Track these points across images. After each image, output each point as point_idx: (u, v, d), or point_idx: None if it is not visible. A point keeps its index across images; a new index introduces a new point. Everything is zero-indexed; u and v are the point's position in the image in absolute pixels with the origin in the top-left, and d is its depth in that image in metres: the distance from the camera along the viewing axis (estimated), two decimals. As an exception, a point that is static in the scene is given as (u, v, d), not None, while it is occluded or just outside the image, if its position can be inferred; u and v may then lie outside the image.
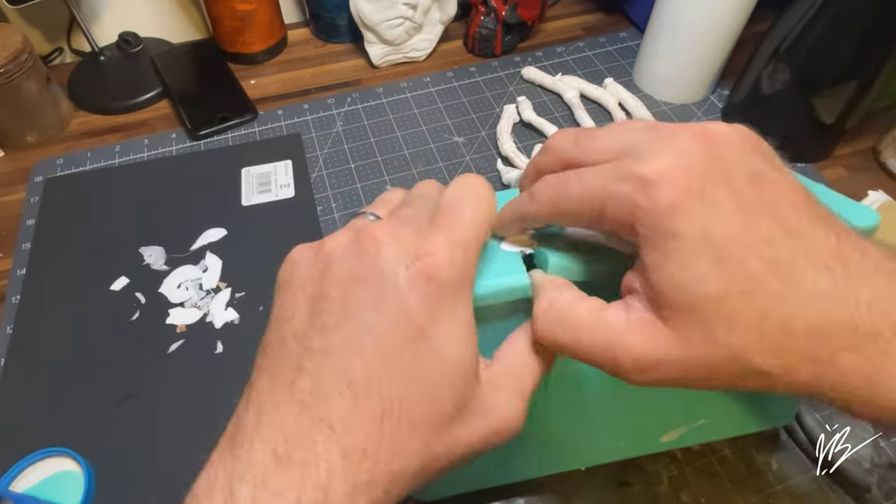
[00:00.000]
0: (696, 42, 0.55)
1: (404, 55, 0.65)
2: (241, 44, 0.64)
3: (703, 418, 0.35)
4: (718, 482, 0.37)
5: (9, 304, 0.46)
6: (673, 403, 0.33)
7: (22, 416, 0.40)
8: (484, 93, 0.62)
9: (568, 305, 0.22)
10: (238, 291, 0.47)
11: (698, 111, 0.60)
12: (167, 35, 0.69)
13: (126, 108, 0.62)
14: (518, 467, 0.35)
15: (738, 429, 0.37)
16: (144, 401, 0.41)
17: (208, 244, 0.50)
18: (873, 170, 0.55)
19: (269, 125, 0.59)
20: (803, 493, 0.36)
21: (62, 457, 0.38)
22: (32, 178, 0.55)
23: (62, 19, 0.65)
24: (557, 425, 0.33)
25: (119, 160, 0.57)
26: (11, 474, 0.37)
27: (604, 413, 0.33)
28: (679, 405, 0.34)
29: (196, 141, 0.58)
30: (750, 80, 0.54)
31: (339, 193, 0.53)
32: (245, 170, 0.55)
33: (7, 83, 0.53)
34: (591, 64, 0.65)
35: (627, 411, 0.33)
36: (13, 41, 0.54)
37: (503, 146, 0.55)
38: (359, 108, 0.61)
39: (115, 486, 0.37)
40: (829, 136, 0.54)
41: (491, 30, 0.64)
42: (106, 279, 0.47)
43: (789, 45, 0.49)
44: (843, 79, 0.48)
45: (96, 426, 0.40)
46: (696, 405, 0.34)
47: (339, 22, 0.66)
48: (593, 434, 0.34)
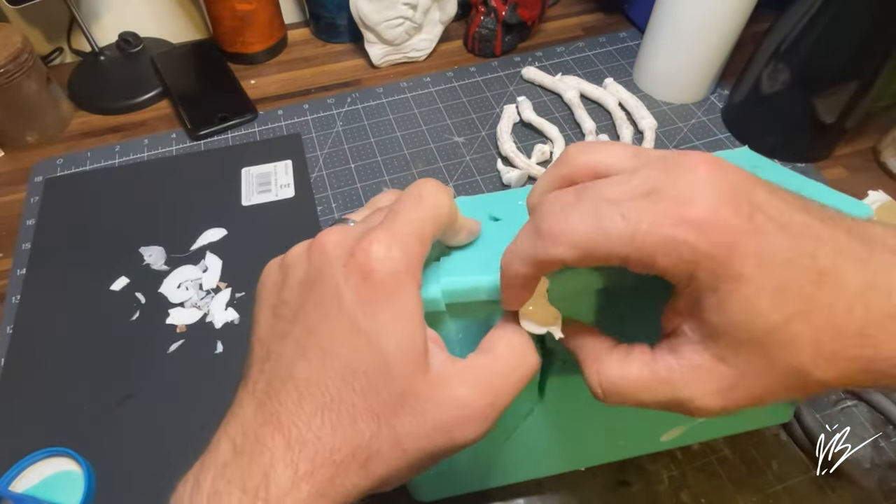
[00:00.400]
0: (696, 42, 0.55)
1: (404, 55, 0.65)
2: (241, 44, 0.64)
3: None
4: (718, 482, 0.37)
5: (9, 304, 0.46)
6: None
7: (22, 416, 0.40)
8: (484, 93, 0.62)
9: (620, 376, 0.22)
10: (238, 291, 0.47)
11: (698, 111, 0.60)
12: (167, 35, 0.69)
13: (126, 108, 0.62)
14: (518, 468, 0.35)
15: (738, 427, 0.37)
16: (144, 401, 0.41)
17: (208, 244, 0.50)
18: (873, 170, 0.55)
19: (269, 125, 0.59)
20: (803, 493, 0.36)
21: (62, 457, 0.38)
22: (32, 178, 0.55)
23: (62, 19, 0.65)
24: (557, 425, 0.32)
25: (119, 160, 0.57)
26: (11, 474, 0.37)
27: (604, 413, 0.33)
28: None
29: (196, 141, 0.58)
30: (750, 80, 0.54)
31: (339, 193, 0.53)
32: (245, 170, 0.55)
33: (7, 83, 0.54)
34: (591, 64, 0.65)
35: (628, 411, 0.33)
36: (13, 41, 0.54)
37: (503, 146, 0.55)
38: (359, 108, 0.61)
39: (115, 486, 0.37)
40: (829, 136, 0.54)
41: (491, 30, 0.64)
42: (106, 279, 0.47)
43: (789, 45, 0.49)
44: (843, 79, 0.48)
45: (96, 426, 0.40)
46: None
47: (339, 22, 0.66)
48: (593, 434, 0.34)
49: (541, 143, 0.56)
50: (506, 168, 0.53)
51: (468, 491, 0.35)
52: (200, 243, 0.50)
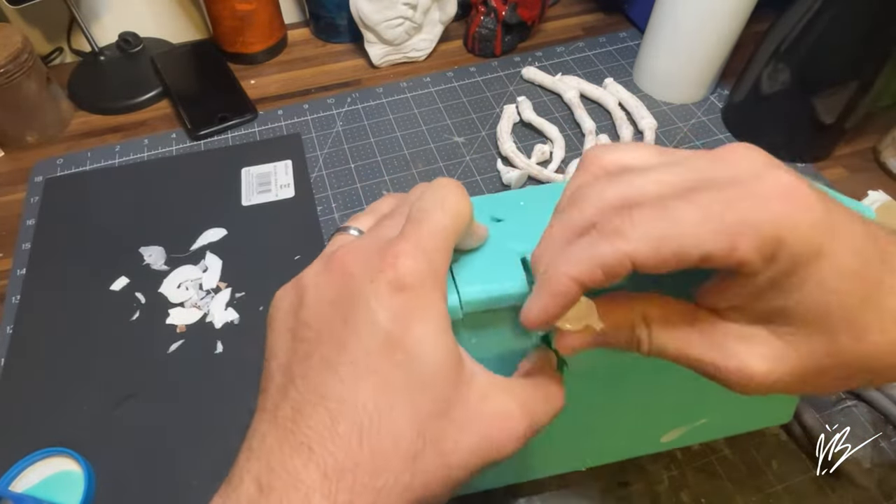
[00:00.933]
0: (696, 42, 0.55)
1: (404, 55, 0.65)
2: (241, 44, 0.64)
3: (703, 417, 0.35)
4: (718, 482, 0.37)
5: (9, 304, 0.46)
6: (674, 403, 0.33)
7: (22, 416, 0.40)
8: (484, 93, 0.62)
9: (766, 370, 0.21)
10: (238, 291, 0.47)
11: (698, 111, 0.60)
12: (167, 35, 0.69)
13: (126, 108, 0.62)
14: (518, 468, 0.35)
15: (739, 427, 0.37)
16: (144, 401, 0.41)
17: (208, 244, 0.50)
18: (873, 170, 0.55)
19: (269, 125, 0.59)
20: (803, 493, 0.36)
21: (62, 457, 0.38)
22: (32, 178, 0.55)
23: (62, 19, 0.65)
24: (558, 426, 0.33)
25: (119, 160, 0.57)
26: (11, 474, 0.37)
27: (605, 414, 0.33)
28: (680, 405, 0.34)
29: (196, 141, 0.58)
30: (750, 80, 0.54)
31: (339, 193, 0.53)
32: (245, 170, 0.55)
33: (7, 83, 0.53)
34: (591, 64, 0.65)
35: (629, 412, 0.33)
36: (13, 41, 0.54)
37: (503, 146, 0.55)
38: (359, 108, 0.61)
39: (115, 486, 0.37)
40: (829, 136, 0.54)
41: (491, 30, 0.64)
42: (106, 279, 0.47)
43: (789, 45, 0.49)
44: (843, 79, 0.48)
45: (96, 426, 0.40)
46: (697, 405, 0.34)
47: (339, 22, 0.66)
48: (594, 434, 0.34)
49: (541, 143, 0.56)
50: (506, 168, 0.53)
51: (468, 492, 0.35)
52: (200, 243, 0.50)
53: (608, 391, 0.31)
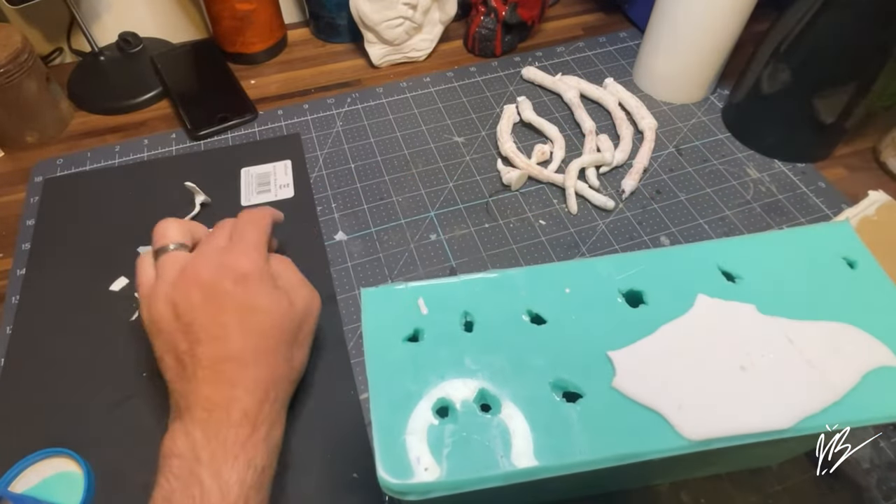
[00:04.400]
0: (696, 42, 0.55)
1: (404, 55, 0.65)
2: (241, 44, 0.64)
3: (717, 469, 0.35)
4: (718, 482, 0.37)
5: (9, 304, 0.46)
6: (692, 466, 0.34)
7: (22, 416, 0.40)
8: (484, 93, 0.62)
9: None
10: (238, 291, 0.47)
11: (698, 111, 0.60)
12: (167, 35, 0.69)
13: (126, 108, 0.62)
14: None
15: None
16: (144, 401, 0.41)
17: (208, 244, 0.49)
18: (873, 170, 0.55)
19: (268, 125, 0.59)
20: (803, 493, 0.36)
21: (62, 457, 0.38)
22: (32, 178, 0.55)
23: (62, 19, 0.65)
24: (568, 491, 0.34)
25: (119, 160, 0.57)
26: (11, 474, 0.37)
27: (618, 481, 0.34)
28: (698, 465, 0.34)
29: (196, 141, 0.58)
30: (750, 80, 0.54)
31: (339, 193, 0.53)
32: (245, 170, 0.55)
33: (7, 83, 0.54)
34: (591, 64, 0.65)
35: (643, 479, 0.34)
36: (13, 41, 0.54)
37: (503, 146, 0.55)
38: (359, 108, 0.61)
39: (115, 486, 0.37)
40: (829, 136, 0.54)
41: (491, 30, 0.64)
42: (105, 279, 0.47)
43: (789, 45, 0.49)
44: (843, 79, 0.48)
45: (96, 426, 0.40)
46: (713, 465, 0.34)
47: (339, 22, 0.66)
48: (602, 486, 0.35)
49: (541, 143, 0.56)
50: (506, 168, 0.53)
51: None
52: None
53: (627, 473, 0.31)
